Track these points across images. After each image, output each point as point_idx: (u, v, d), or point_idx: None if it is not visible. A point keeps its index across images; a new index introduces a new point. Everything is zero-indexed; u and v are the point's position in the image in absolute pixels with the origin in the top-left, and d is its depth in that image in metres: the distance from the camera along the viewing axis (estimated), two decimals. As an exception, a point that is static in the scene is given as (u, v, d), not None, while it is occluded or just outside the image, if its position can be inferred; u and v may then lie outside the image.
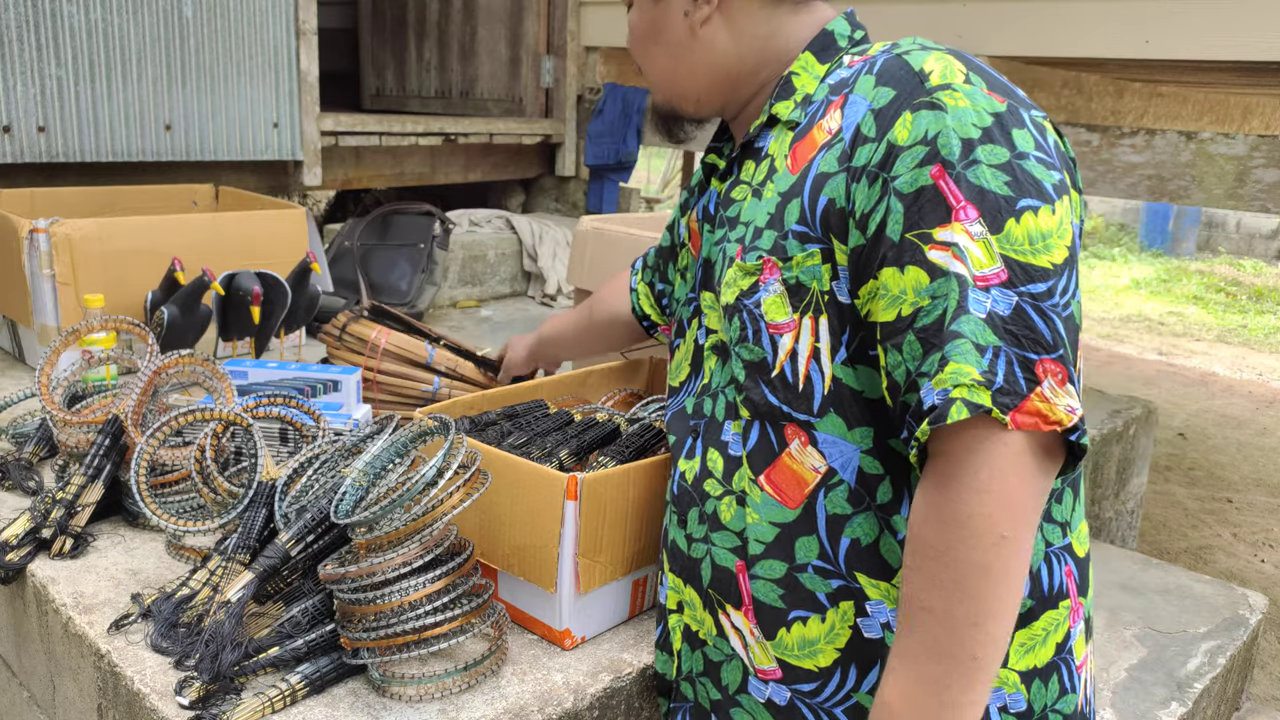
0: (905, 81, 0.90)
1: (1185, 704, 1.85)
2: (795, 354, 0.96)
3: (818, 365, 0.95)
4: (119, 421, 1.51)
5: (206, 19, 2.93)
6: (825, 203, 0.92)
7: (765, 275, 0.97)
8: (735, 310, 1.01)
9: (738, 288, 1.00)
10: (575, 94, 4.22)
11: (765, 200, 1.00)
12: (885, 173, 0.87)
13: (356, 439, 1.35)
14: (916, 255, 0.84)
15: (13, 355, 2.38)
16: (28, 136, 2.65)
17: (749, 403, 1.00)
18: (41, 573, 1.39)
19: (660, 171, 12.39)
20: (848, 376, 0.94)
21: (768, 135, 1.06)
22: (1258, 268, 9.85)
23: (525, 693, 1.18)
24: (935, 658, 0.82)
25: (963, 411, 0.78)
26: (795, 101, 1.03)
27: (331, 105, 3.44)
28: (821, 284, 0.93)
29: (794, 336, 0.95)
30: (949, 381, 0.80)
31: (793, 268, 0.95)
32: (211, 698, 1.11)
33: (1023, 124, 0.87)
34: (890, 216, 0.86)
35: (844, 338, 0.93)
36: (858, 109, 0.92)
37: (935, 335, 0.82)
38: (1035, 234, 0.83)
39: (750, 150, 1.08)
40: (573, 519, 1.20)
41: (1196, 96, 3.80)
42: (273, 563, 1.22)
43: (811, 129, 0.98)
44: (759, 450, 1.00)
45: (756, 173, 1.05)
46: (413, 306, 3.14)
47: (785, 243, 0.96)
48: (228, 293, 2.23)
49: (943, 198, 0.84)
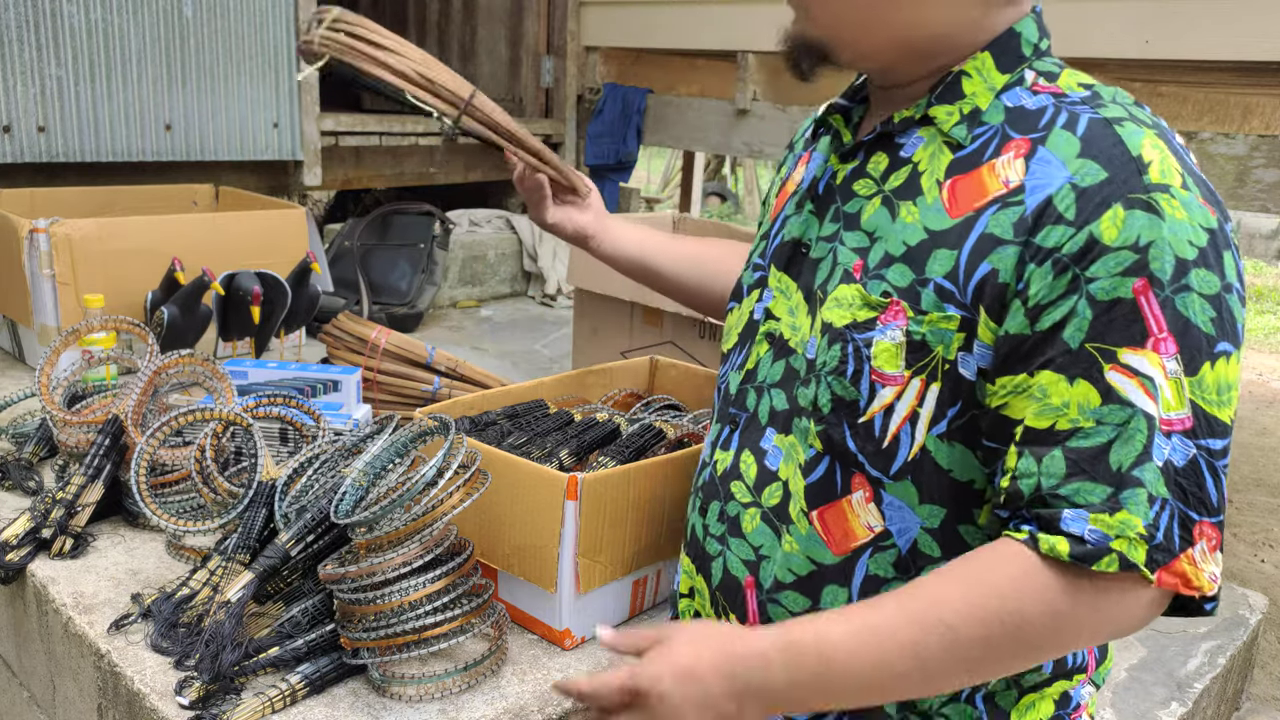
0: (1120, 165, 0.78)
1: (1185, 704, 1.85)
2: (892, 409, 0.86)
3: (911, 429, 0.86)
4: (119, 421, 1.51)
5: (206, 19, 2.93)
6: (987, 271, 0.81)
7: (888, 317, 0.86)
8: (840, 339, 0.89)
9: (851, 316, 0.89)
10: (575, 94, 4.22)
11: (904, 224, 0.88)
12: (1080, 269, 0.77)
13: (356, 439, 1.35)
14: (1093, 371, 0.76)
15: (13, 355, 2.38)
16: (28, 136, 2.65)
17: (825, 437, 0.90)
18: (41, 573, 1.38)
19: (660, 171, 12.38)
20: (939, 451, 0.86)
21: (913, 135, 0.92)
22: (1258, 268, 9.85)
23: (525, 693, 1.18)
24: (897, 659, 0.77)
25: (1114, 565, 0.73)
26: (961, 112, 0.89)
27: (331, 105, 3.44)
28: (948, 351, 0.83)
29: (897, 393, 0.86)
30: (1114, 530, 0.74)
31: (922, 323, 0.84)
32: (211, 698, 1.11)
33: (1229, 243, 0.79)
34: (1073, 319, 0.77)
35: (950, 412, 0.84)
36: (1052, 174, 0.80)
37: (1096, 465, 0.75)
38: (1223, 383, 0.76)
39: (887, 142, 0.94)
40: (573, 519, 1.20)
41: (1196, 96, 3.79)
42: (273, 563, 1.22)
43: (980, 166, 0.85)
44: (821, 486, 0.92)
45: (892, 177, 0.92)
46: (413, 306, 3.14)
47: (922, 291, 0.85)
48: (228, 293, 2.23)
49: (1141, 318, 0.75)
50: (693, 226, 2.65)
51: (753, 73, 3.65)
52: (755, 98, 3.68)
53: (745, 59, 3.63)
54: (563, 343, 3.15)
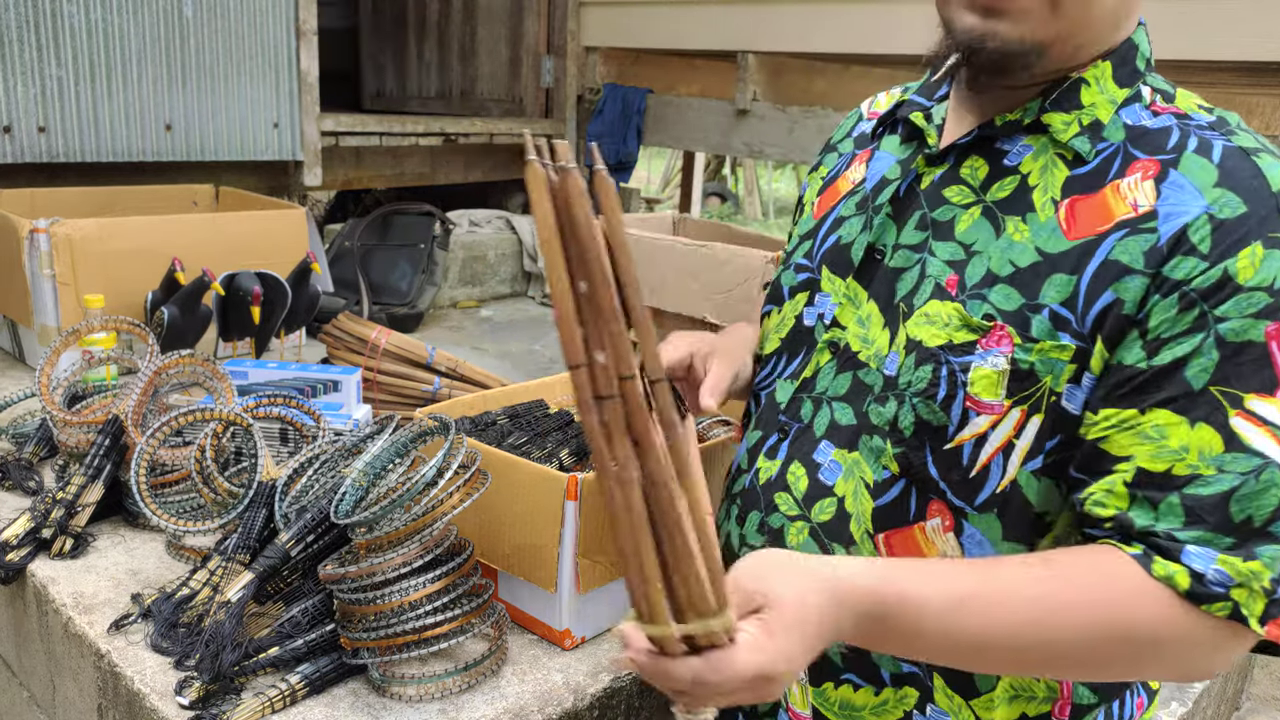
0: (1261, 200, 0.74)
1: (1185, 704, 1.85)
2: (984, 439, 0.81)
3: (1003, 461, 0.81)
4: (119, 421, 1.51)
5: (206, 19, 2.93)
6: (1110, 301, 0.76)
7: (990, 342, 0.80)
8: (931, 360, 0.83)
9: (947, 336, 0.83)
10: (575, 94, 4.22)
11: (1011, 242, 0.82)
12: (1209, 305, 0.73)
13: (356, 439, 1.35)
14: (1217, 416, 0.72)
15: (13, 355, 2.38)
16: (28, 136, 2.64)
17: (903, 460, 0.85)
18: (41, 573, 1.38)
19: (660, 171, 12.38)
20: (1029, 487, 0.81)
21: (1018, 142, 0.85)
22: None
23: (525, 693, 1.18)
24: (947, 613, 0.72)
25: (1225, 610, 0.71)
26: (1080, 123, 0.82)
27: (331, 105, 3.43)
28: (1056, 382, 0.78)
29: (992, 422, 0.81)
30: (1240, 576, 0.71)
31: (1031, 351, 0.79)
32: (211, 698, 1.11)
33: None
34: (1198, 358, 0.73)
35: (1048, 445, 0.80)
36: (1187, 201, 0.76)
37: (1216, 514, 0.72)
38: None
39: (987, 148, 0.87)
40: (573, 519, 1.20)
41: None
42: (273, 563, 1.22)
43: (1104, 186, 0.80)
44: (892, 510, 0.87)
45: (995, 187, 0.85)
46: (413, 307, 3.14)
47: (1033, 317, 0.79)
48: (228, 293, 2.23)
49: (1271, 364, 0.72)
50: (693, 227, 2.65)
51: (753, 73, 3.65)
52: (755, 98, 3.68)
53: (745, 59, 3.63)
54: (563, 343, 3.13)
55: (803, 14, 3.44)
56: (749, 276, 2.03)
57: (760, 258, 2.03)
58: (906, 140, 0.95)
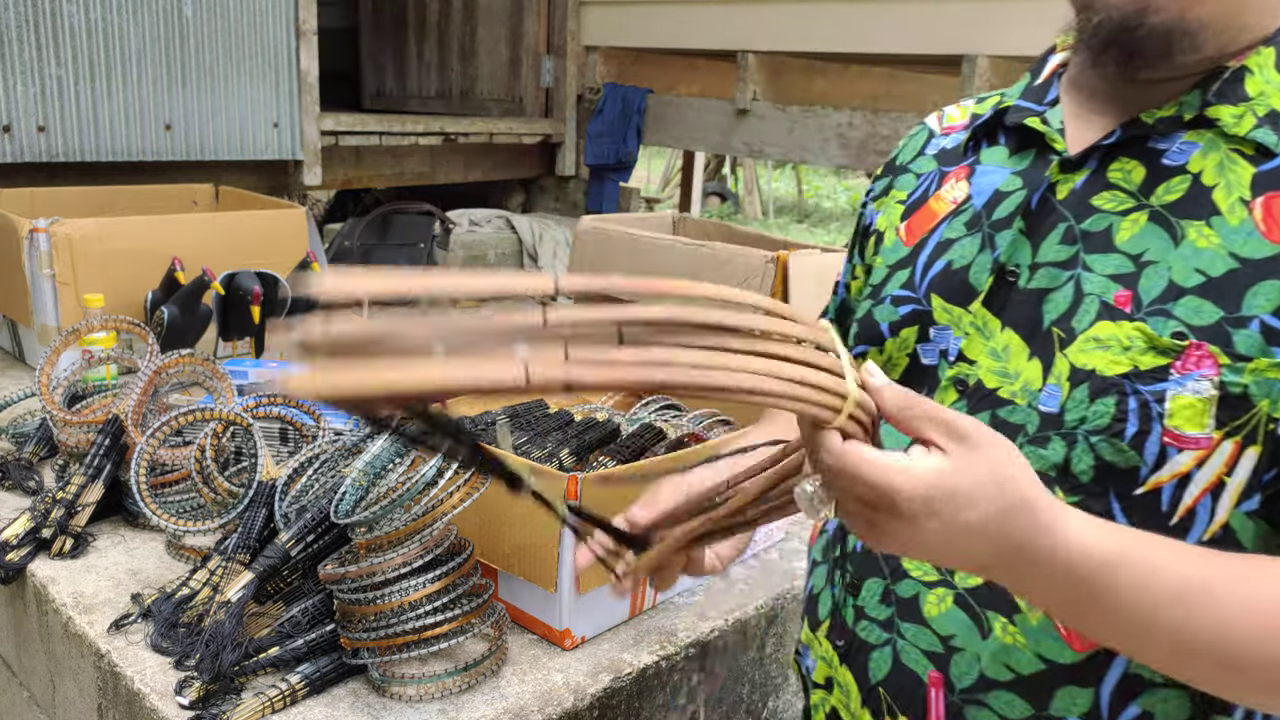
0: None
1: (1185, 704, 1.85)
2: (1188, 479, 0.70)
3: (1212, 503, 0.71)
4: (119, 421, 1.51)
5: (206, 19, 2.93)
6: None
7: (1188, 364, 0.70)
8: (1113, 390, 0.72)
9: (1130, 362, 0.72)
10: (575, 94, 4.22)
11: (1195, 249, 0.73)
12: None
13: (356, 439, 1.35)
14: None
15: (13, 355, 2.38)
16: (28, 136, 2.65)
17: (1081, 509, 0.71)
18: (41, 573, 1.38)
19: (660, 171, 12.38)
20: (1244, 530, 0.71)
21: (1177, 140, 0.76)
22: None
23: (525, 693, 1.18)
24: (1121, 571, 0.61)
25: None
26: (1255, 113, 0.74)
27: (331, 105, 3.44)
28: (1274, 407, 0.68)
29: (1199, 459, 0.70)
30: None
31: (1243, 372, 0.69)
32: (211, 698, 1.11)
33: None
34: None
35: (1265, 478, 0.70)
36: None
37: None
38: None
39: (1137, 148, 0.78)
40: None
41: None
42: (273, 563, 1.22)
43: None
44: None
45: (1160, 189, 0.76)
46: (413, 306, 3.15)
47: (1238, 333, 0.69)
48: (228, 293, 2.23)
49: None
50: (693, 226, 2.65)
51: (753, 73, 3.65)
52: (755, 98, 3.68)
53: (745, 59, 3.63)
54: (563, 342, 3.14)
55: (803, 14, 3.44)
56: (749, 276, 2.03)
57: (760, 257, 2.03)
58: (1019, 150, 0.86)
